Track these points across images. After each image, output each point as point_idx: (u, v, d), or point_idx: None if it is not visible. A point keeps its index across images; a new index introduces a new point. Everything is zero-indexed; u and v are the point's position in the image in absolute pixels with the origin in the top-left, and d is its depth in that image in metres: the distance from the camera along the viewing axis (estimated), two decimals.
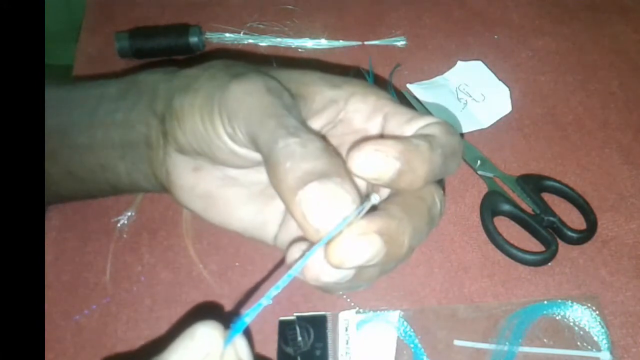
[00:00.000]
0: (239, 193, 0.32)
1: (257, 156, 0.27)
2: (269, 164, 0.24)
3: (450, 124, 0.28)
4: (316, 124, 0.30)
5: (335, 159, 0.24)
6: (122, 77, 0.36)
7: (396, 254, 0.24)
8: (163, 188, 0.35)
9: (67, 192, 0.40)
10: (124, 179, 0.36)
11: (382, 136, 0.29)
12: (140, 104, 0.34)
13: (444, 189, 0.48)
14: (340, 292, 0.28)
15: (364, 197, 0.23)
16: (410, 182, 0.24)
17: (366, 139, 0.24)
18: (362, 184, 0.28)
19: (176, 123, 0.30)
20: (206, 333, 0.24)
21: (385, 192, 0.28)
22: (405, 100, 0.53)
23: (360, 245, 0.22)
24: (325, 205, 0.22)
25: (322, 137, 0.29)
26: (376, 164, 0.23)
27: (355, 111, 0.30)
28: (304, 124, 0.27)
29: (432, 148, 0.25)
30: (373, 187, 0.29)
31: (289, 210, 0.23)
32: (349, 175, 0.24)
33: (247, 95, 0.27)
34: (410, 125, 0.27)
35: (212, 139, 0.29)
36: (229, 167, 0.31)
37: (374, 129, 0.29)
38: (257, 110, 0.27)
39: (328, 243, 0.22)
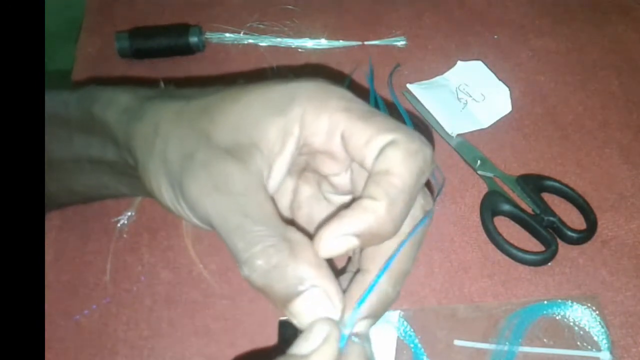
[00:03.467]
0: None
1: None
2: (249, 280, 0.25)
3: (413, 134, 0.25)
4: (282, 164, 0.27)
5: (303, 257, 0.24)
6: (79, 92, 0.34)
7: (381, 237, 0.25)
8: None
9: (68, 202, 0.40)
10: (126, 192, 0.35)
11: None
12: (108, 146, 0.32)
13: (443, 187, 0.48)
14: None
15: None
16: (381, 238, 0.25)
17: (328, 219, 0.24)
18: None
19: (148, 187, 0.29)
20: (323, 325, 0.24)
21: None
22: (396, 112, 0.53)
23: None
24: (313, 312, 0.24)
25: (291, 222, 0.29)
26: (339, 249, 0.24)
27: (313, 135, 0.26)
28: (259, 219, 0.25)
29: (391, 204, 0.24)
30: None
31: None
32: (322, 266, 0.24)
33: (200, 198, 0.25)
34: (369, 148, 0.25)
35: (184, 217, 0.28)
36: None
37: (336, 149, 0.26)
38: (214, 219, 0.25)
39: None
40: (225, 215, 0.25)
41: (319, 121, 0.26)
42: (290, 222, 0.30)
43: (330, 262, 0.25)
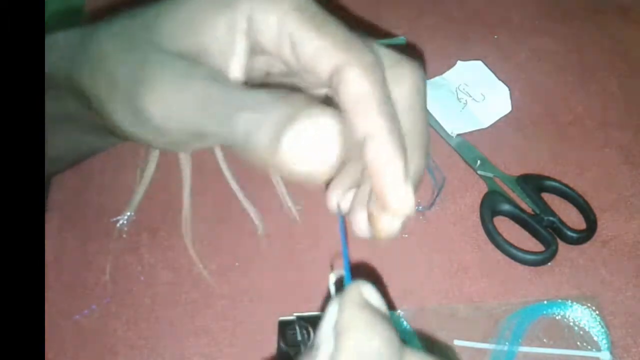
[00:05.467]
0: None
1: None
2: (237, 148, 0.22)
3: (364, 49, 0.24)
4: (237, 66, 0.25)
5: (291, 99, 0.22)
6: None
7: (420, 178, 0.25)
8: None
9: (48, 171, 0.36)
10: (101, 145, 0.34)
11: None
12: (67, 95, 0.29)
13: (442, 187, 0.48)
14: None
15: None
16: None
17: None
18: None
19: (109, 122, 0.26)
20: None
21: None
22: None
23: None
24: (307, 148, 0.21)
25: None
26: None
27: (262, 33, 0.24)
28: (239, 86, 0.23)
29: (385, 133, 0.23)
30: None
31: (279, 174, 0.22)
32: (313, 102, 0.22)
33: (169, 98, 0.23)
34: (320, 63, 0.23)
35: (152, 142, 0.26)
36: None
37: (286, 55, 0.24)
38: (190, 107, 0.23)
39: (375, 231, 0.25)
40: (201, 93, 0.23)
41: (268, 19, 0.24)
42: None
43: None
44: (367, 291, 0.22)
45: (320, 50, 0.23)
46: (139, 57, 0.24)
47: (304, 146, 0.21)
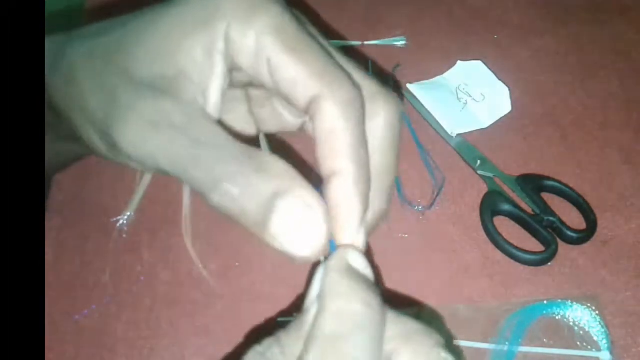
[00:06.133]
0: None
1: None
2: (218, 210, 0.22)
3: (343, 79, 0.23)
4: (216, 87, 0.24)
5: (273, 171, 0.21)
6: None
7: (380, 218, 0.25)
8: None
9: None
10: (85, 152, 0.32)
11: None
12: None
13: (442, 187, 0.48)
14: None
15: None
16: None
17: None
18: None
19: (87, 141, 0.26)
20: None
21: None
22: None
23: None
24: (295, 230, 0.21)
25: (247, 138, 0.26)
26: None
27: (239, 54, 0.23)
28: (214, 142, 0.22)
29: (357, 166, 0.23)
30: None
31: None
32: (297, 178, 0.22)
33: (139, 143, 0.22)
34: (297, 91, 0.23)
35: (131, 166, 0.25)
36: None
37: (265, 79, 0.23)
38: (163, 160, 0.22)
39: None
40: (174, 152, 0.22)
41: (246, 39, 0.22)
42: (254, 141, 0.28)
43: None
44: (352, 257, 0.23)
45: (298, 78, 0.22)
46: (109, 89, 0.23)
47: (293, 229, 0.21)
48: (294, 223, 0.21)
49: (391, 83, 0.54)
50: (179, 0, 0.23)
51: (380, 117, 0.25)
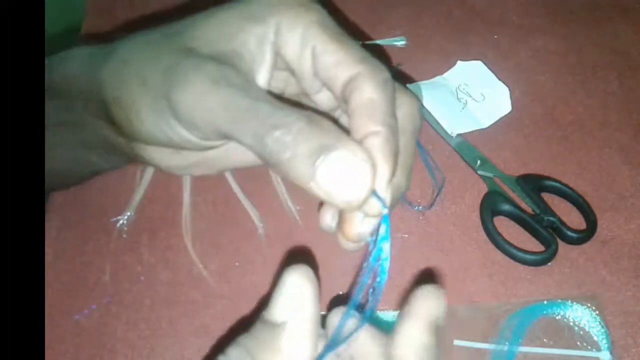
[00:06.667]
0: (223, 148, 0.30)
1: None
2: (267, 162, 0.24)
3: (380, 66, 0.26)
4: (265, 73, 0.27)
5: (323, 126, 0.23)
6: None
7: (399, 197, 0.27)
8: (148, 164, 0.33)
9: (48, 185, 0.38)
10: (101, 166, 0.34)
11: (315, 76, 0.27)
12: (75, 104, 0.31)
13: (442, 187, 0.48)
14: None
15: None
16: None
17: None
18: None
19: (125, 127, 0.28)
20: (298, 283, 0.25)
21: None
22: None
23: (370, 223, 0.25)
24: (342, 177, 0.22)
25: (294, 102, 0.28)
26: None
27: (286, 45, 0.26)
28: (270, 100, 0.24)
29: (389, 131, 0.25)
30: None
31: (311, 195, 0.23)
32: (344, 134, 0.23)
33: (199, 101, 0.25)
34: (338, 71, 0.26)
35: (178, 141, 0.27)
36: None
37: (305, 66, 0.27)
38: (221, 114, 0.24)
39: (341, 230, 0.26)
40: (232, 105, 0.24)
41: (294, 32, 0.26)
42: None
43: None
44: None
45: (340, 61, 0.25)
46: (170, 59, 0.26)
47: (339, 178, 0.22)
48: (342, 171, 0.22)
49: None
50: (238, 1, 0.27)
51: (404, 107, 0.28)
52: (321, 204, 0.28)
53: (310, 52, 0.26)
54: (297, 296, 0.24)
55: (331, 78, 0.26)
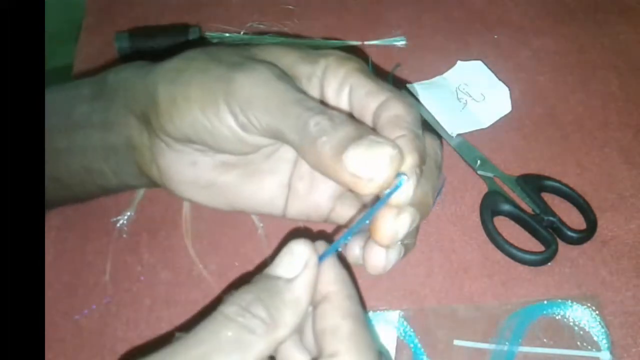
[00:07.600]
0: (238, 175, 0.34)
1: (262, 142, 0.30)
2: (304, 145, 0.27)
3: (402, 92, 0.31)
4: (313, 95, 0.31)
5: (361, 124, 0.27)
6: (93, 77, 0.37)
7: (426, 212, 0.29)
8: (155, 184, 0.36)
9: (55, 198, 0.40)
10: (111, 180, 0.37)
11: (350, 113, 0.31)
12: (116, 103, 0.34)
13: (442, 187, 0.48)
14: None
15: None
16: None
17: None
18: None
19: (167, 117, 0.31)
20: (302, 249, 0.27)
21: None
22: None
23: (402, 221, 0.27)
24: (370, 155, 0.25)
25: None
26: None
27: (328, 85, 0.31)
28: (317, 100, 0.29)
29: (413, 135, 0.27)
30: None
31: (336, 178, 0.26)
32: (378, 133, 0.27)
33: (258, 86, 0.29)
34: (371, 98, 0.29)
35: (218, 130, 0.30)
36: (230, 154, 0.32)
37: (342, 102, 0.31)
38: (275, 99, 0.28)
39: (374, 228, 0.27)
40: (287, 93, 0.28)
41: (337, 73, 0.30)
42: None
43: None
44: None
45: (372, 91, 0.29)
46: (238, 59, 0.31)
47: (366, 157, 0.25)
48: (369, 151, 0.25)
49: (391, 83, 0.54)
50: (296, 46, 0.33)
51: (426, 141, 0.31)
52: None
53: (348, 89, 0.30)
54: (304, 255, 0.26)
55: (364, 107, 0.29)
